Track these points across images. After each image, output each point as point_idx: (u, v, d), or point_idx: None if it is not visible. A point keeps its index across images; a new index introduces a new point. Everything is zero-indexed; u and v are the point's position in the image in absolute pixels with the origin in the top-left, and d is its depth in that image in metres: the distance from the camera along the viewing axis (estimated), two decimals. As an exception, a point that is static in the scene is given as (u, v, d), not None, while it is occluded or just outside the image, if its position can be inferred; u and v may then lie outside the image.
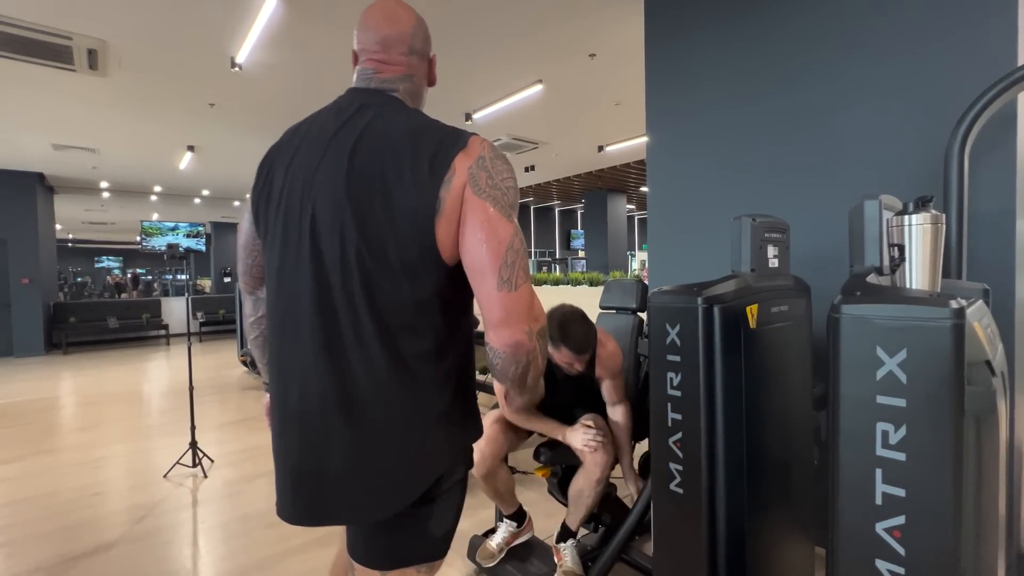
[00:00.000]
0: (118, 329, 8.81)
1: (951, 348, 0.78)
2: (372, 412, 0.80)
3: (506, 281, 0.75)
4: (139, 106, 4.94)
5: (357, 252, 0.78)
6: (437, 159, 0.77)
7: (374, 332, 0.79)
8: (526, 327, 0.76)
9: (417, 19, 0.93)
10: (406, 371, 0.80)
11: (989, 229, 1.67)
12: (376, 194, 0.78)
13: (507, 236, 0.77)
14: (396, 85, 0.90)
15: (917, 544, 0.83)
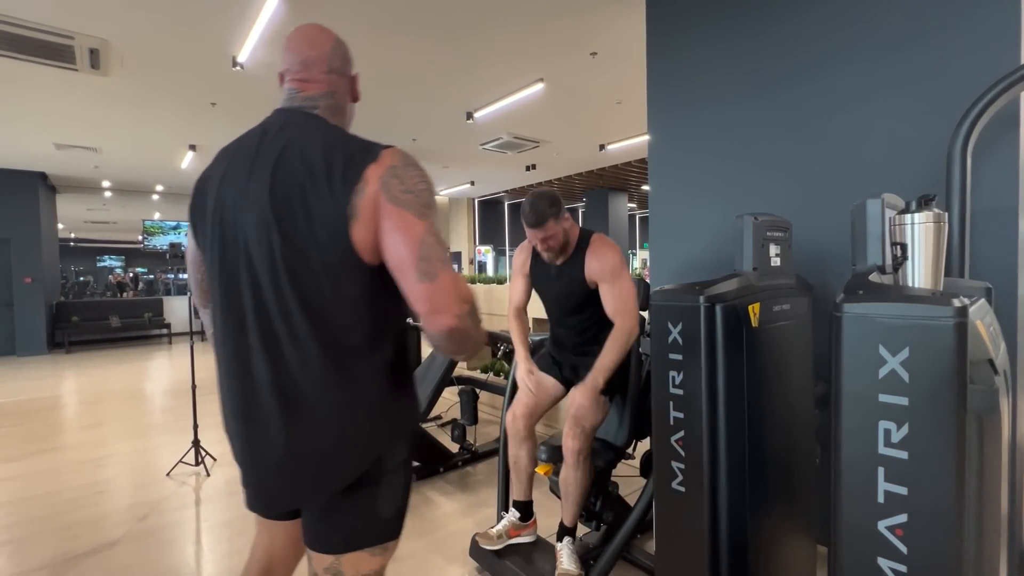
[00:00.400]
0: (120, 328, 8.83)
1: (954, 347, 0.78)
2: (307, 403, 0.87)
3: (424, 273, 0.83)
4: (141, 105, 4.95)
5: (284, 259, 0.86)
6: (350, 171, 0.85)
7: (306, 330, 0.87)
8: (455, 311, 0.84)
9: (335, 41, 1.01)
10: (337, 364, 0.88)
11: (991, 228, 1.67)
12: (297, 206, 0.86)
13: (419, 232, 0.84)
14: (317, 102, 0.97)
15: (919, 542, 0.83)
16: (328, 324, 0.87)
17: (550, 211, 1.76)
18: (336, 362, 0.87)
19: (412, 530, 2.31)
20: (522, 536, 2.01)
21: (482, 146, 6.75)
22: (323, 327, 0.87)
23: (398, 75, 4.35)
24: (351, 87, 1.03)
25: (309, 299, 0.87)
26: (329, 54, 0.99)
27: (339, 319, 0.88)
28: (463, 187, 10.14)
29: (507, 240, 13.78)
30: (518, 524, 2.00)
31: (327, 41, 0.99)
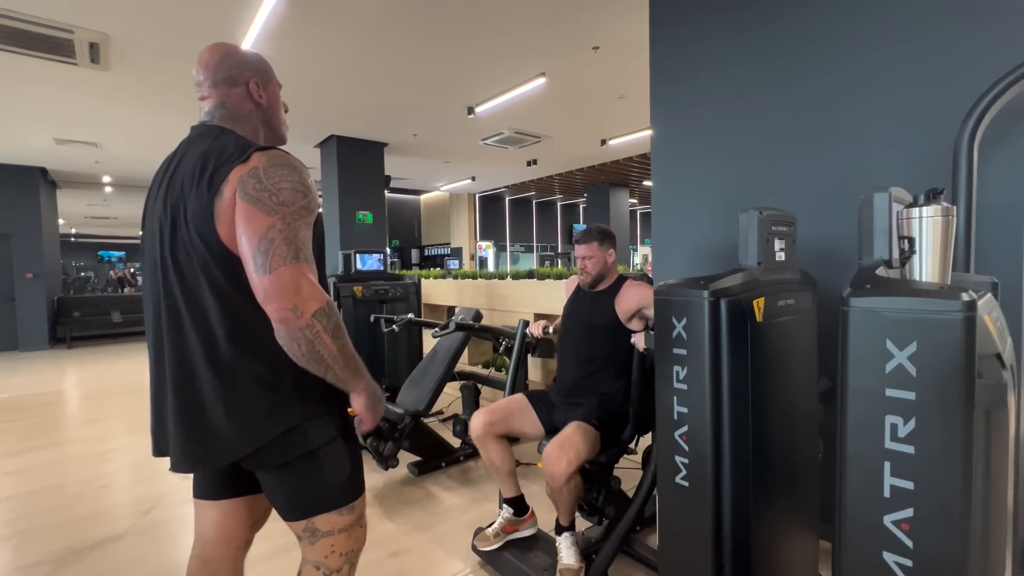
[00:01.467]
0: (122, 323, 8.85)
1: (962, 341, 0.78)
2: (200, 385, 0.97)
3: (260, 265, 0.90)
4: (141, 100, 4.94)
5: (173, 257, 0.97)
6: (217, 174, 0.93)
7: (189, 318, 0.97)
8: (289, 304, 0.89)
9: (223, 54, 1.08)
10: (216, 349, 0.96)
11: (998, 222, 1.66)
12: (179, 209, 0.96)
13: (262, 227, 0.90)
14: (213, 113, 1.07)
15: (925, 537, 0.83)
16: (207, 320, 0.96)
17: (598, 236, 2.03)
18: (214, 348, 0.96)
19: (414, 523, 2.32)
20: (521, 531, 2.02)
21: (483, 141, 6.72)
22: (204, 323, 0.96)
23: (399, 70, 4.33)
24: (247, 94, 1.09)
25: (191, 292, 0.97)
26: (213, 69, 1.06)
27: (216, 309, 0.96)
28: (464, 182, 10.12)
29: (508, 236, 13.76)
30: (513, 520, 2.01)
31: (214, 56, 1.07)
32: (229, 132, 1.04)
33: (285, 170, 0.95)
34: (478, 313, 3.10)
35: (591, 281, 2.06)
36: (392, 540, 2.18)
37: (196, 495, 1.17)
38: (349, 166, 6.43)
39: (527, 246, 14.32)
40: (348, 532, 1.08)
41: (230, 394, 0.96)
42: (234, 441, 0.97)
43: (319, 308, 0.91)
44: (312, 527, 1.04)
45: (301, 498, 1.03)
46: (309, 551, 1.07)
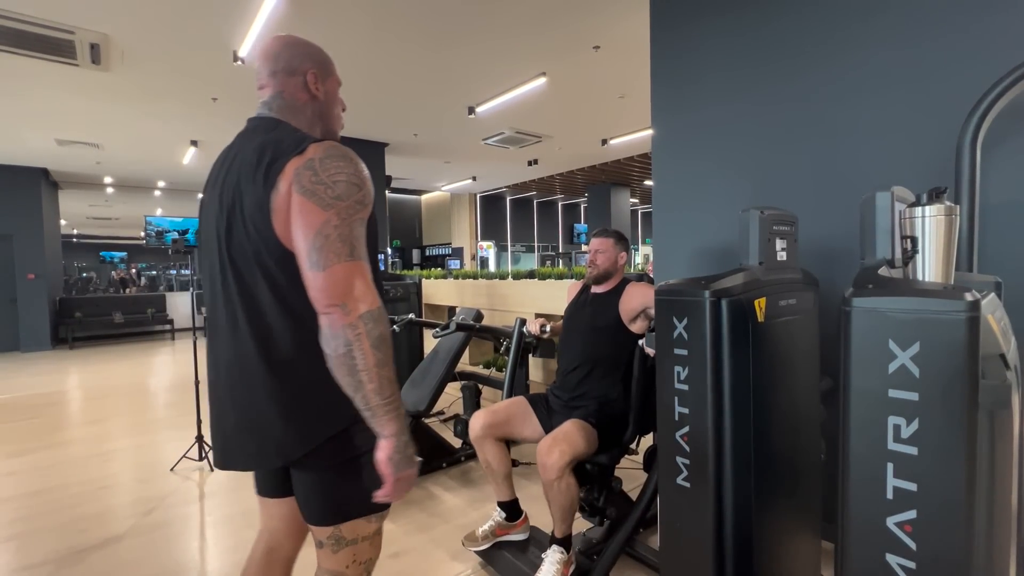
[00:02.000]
0: (123, 324, 8.87)
1: (966, 341, 0.77)
2: (255, 384, 0.95)
3: (315, 262, 0.87)
4: (142, 101, 4.94)
5: (230, 255, 0.95)
6: (273, 167, 0.90)
7: (247, 319, 0.95)
8: (339, 302, 0.86)
9: (283, 44, 1.07)
10: (271, 353, 0.94)
11: (1001, 221, 1.65)
12: (235, 206, 0.94)
13: (317, 223, 0.87)
14: (271, 103, 1.05)
15: (928, 538, 0.82)
16: (263, 315, 0.94)
17: (615, 235, 2.09)
18: (266, 348, 0.94)
19: (415, 524, 2.32)
20: (511, 535, 2.00)
21: (484, 141, 6.72)
22: (260, 318, 0.94)
23: (399, 69, 4.33)
24: (304, 85, 1.06)
25: (247, 289, 0.95)
26: (273, 57, 1.05)
27: (269, 307, 0.94)
28: (465, 182, 10.11)
29: (509, 235, 13.75)
30: (504, 524, 2.00)
31: (275, 45, 1.06)
32: (284, 124, 1.02)
33: (341, 162, 0.91)
34: (479, 313, 3.10)
35: (597, 276, 2.05)
36: (393, 541, 2.17)
37: (261, 493, 1.17)
38: (350, 166, 6.44)
39: (528, 246, 14.31)
40: (371, 541, 1.06)
41: (284, 394, 0.94)
42: (288, 443, 0.95)
43: (368, 311, 0.87)
44: (338, 534, 1.01)
45: (336, 503, 1.00)
46: (329, 560, 1.03)
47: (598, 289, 2.08)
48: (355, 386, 0.88)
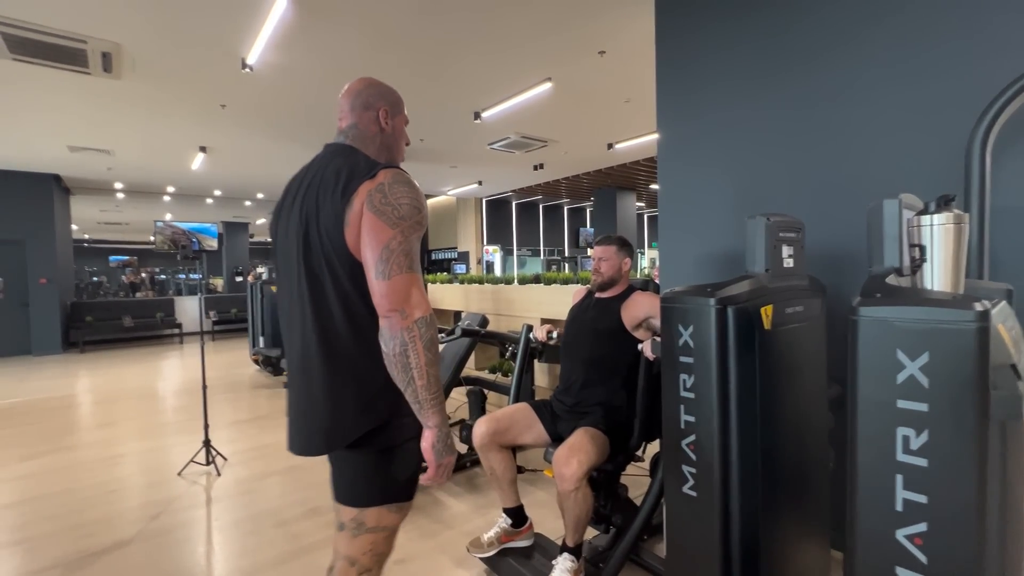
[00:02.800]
0: (133, 328, 8.95)
1: (975, 351, 0.76)
2: (313, 376, 1.09)
3: (381, 272, 1.01)
4: (152, 108, 5.00)
5: (305, 261, 1.09)
6: (348, 188, 1.05)
7: (312, 316, 1.08)
8: (399, 308, 1.01)
9: (365, 84, 1.26)
10: (330, 347, 1.07)
11: (1012, 227, 1.63)
12: (312, 218, 1.09)
13: (385, 239, 1.02)
14: (347, 132, 1.22)
15: (939, 552, 0.81)
16: (327, 314, 1.07)
17: (618, 242, 2.09)
18: (328, 346, 1.07)
19: (420, 530, 2.31)
20: (515, 542, 1.99)
21: (490, 146, 6.74)
22: (325, 317, 1.07)
23: (406, 75, 4.36)
24: (376, 119, 1.23)
25: (317, 293, 1.08)
26: (354, 95, 1.24)
27: (335, 310, 1.07)
28: (471, 187, 10.14)
29: (515, 240, 13.76)
30: (510, 531, 1.99)
31: (358, 85, 1.25)
32: (359, 152, 1.18)
33: (406, 187, 1.07)
34: (484, 319, 3.10)
35: (602, 283, 2.05)
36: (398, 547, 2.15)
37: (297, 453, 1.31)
38: (356, 171, 6.48)
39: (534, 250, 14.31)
40: (388, 534, 1.15)
41: (335, 388, 1.07)
42: (332, 433, 1.07)
43: (422, 317, 1.02)
44: (361, 519, 1.11)
45: (366, 485, 1.10)
46: (349, 545, 1.12)
47: (602, 294, 2.08)
48: (407, 381, 1.02)
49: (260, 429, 3.92)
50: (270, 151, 6.78)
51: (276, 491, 2.78)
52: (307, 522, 2.42)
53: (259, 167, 7.77)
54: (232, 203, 10.98)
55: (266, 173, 8.23)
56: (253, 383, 5.61)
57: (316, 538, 2.27)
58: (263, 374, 5.98)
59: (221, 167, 7.67)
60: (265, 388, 5.35)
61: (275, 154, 6.94)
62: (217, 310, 10.06)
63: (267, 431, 3.86)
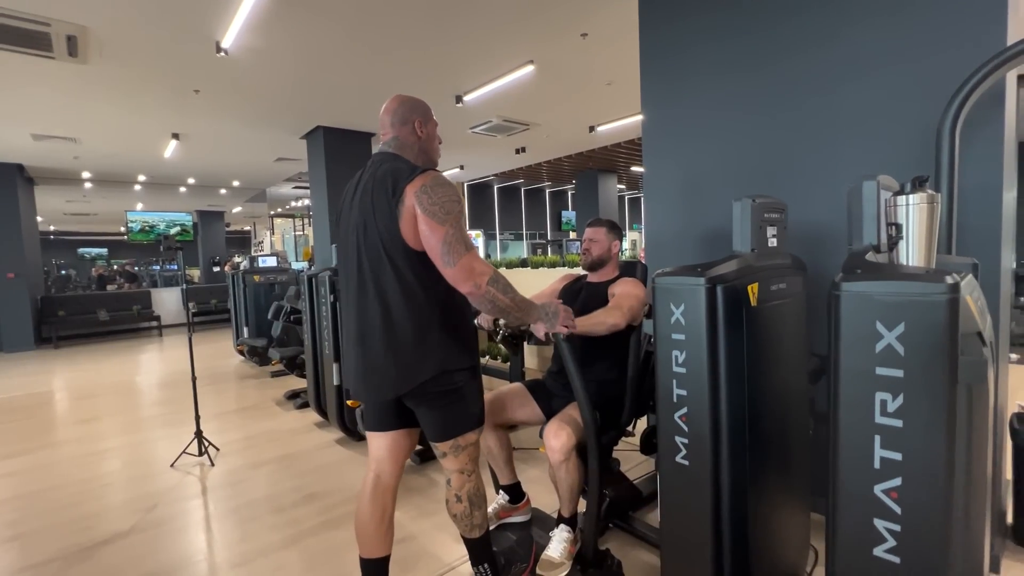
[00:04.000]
0: (109, 322, 8.72)
1: (946, 321, 0.83)
2: (375, 340, 1.40)
3: (448, 262, 1.32)
4: (121, 94, 4.83)
5: (365, 248, 1.41)
6: (397, 187, 1.35)
7: (375, 293, 1.39)
8: (471, 284, 1.33)
9: (400, 102, 1.52)
10: (389, 316, 1.38)
11: (977, 204, 1.72)
12: (370, 213, 1.39)
13: (441, 235, 1.32)
14: (391, 143, 1.51)
15: (912, 504, 0.89)
16: (387, 290, 1.38)
17: (607, 224, 2.12)
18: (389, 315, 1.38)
19: (419, 510, 2.37)
20: (513, 517, 2.06)
21: (471, 129, 6.69)
22: (385, 291, 1.38)
23: (387, 59, 4.29)
24: (413, 130, 1.51)
25: (378, 273, 1.39)
26: (392, 112, 1.50)
27: (395, 286, 1.37)
28: (453, 171, 10.06)
29: (497, 224, 13.74)
30: (507, 507, 2.06)
31: (394, 104, 1.52)
32: (401, 158, 1.46)
33: (445, 188, 1.35)
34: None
35: (590, 263, 2.09)
36: (399, 527, 2.21)
37: (368, 428, 1.56)
38: (336, 157, 6.36)
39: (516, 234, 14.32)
40: (475, 445, 1.53)
41: (396, 347, 1.38)
42: (397, 381, 1.39)
43: (489, 278, 1.34)
44: (457, 444, 1.47)
45: (452, 423, 1.46)
46: (453, 463, 1.50)
47: (593, 278, 2.13)
48: (505, 315, 1.42)
49: (250, 419, 3.91)
50: (246, 137, 6.61)
51: (271, 478, 2.80)
52: (306, 507, 2.45)
53: (235, 154, 7.57)
54: (207, 191, 10.70)
55: (242, 160, 8.03)
56: (239, 374, 5.57)
57: (316, 522, 2.31)
58: (248, 364, 5.92)
59: (195, 154, 7.45)
60: (252, 378, 5.31)
61: (251, 140, 6.77)
62: (196, 301, 9.86)
63: (257, 420, 3.86)
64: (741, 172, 2.33)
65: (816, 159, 2.09)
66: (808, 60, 2.09)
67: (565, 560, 1.73)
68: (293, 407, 4.14)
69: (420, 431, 1.57)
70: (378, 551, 1.53)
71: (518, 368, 2.91)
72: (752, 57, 2.25)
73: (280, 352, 4.31)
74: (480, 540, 1.58)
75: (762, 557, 1.41)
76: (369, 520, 1.52)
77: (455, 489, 1.53)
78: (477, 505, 1.54)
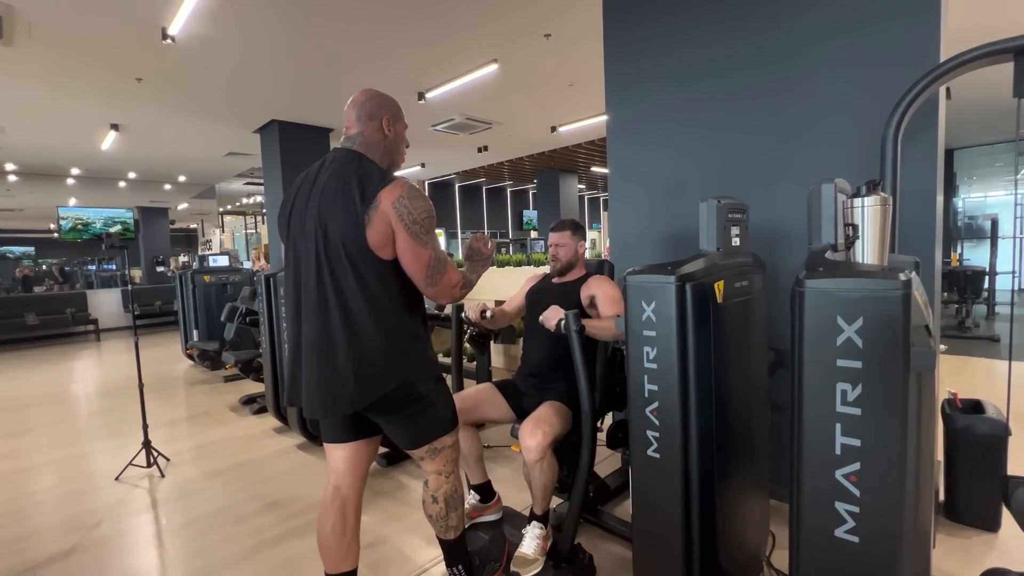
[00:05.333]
0: (38, 326, 8.07)
1: (901, 315, 0.89)
2: (336, 351, 1.31)
3: (429, 284, 1.36)
4: (53, 81, 4.47)
5: (326, 254, 1.31)
6: (366, 192, 1.28)
7: (335, 301, 1.31)
8: (448, 298, 1.41)
9: (369, 96, 1.43)
10: (353, 326, 1.30)
11: (915, 206, 1.86)
12: (331, 217, 1.30)
13: (426, 259, 1.33)
14: (354, 139, 1.41)
15: (870, 486, 0.95)
16: (349, 298, 1.30)
17: (571, 226, 2.12)
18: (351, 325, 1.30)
19: (388, 514, 2.33)
20: (484, 516, 2.07)
21: (433, 127, 6.61)
22: (346, 300, 1.30)
23: (346, 53, 4.17)
24: (380, 127, 1.42)
25: (339, 280, 1.30)
26: (359, 106, 1.42)
27: (357, 294, 1.30)
28: (414, 169, 9.92)
29: (459, 223, 13.66)
30: (478, 506, 2.06)
31: (362, 97, 1.43)
32: (368, 160, 1.38)
33: (420, 201, 1.31)
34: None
35: (561, 268, 2.11)
36: (366, 532, 2.16)
37: (327, 440, 1.49)
38: (292, 153, 6.14)
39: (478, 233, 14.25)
40: (454, 445, 1.52)
41: (360, 360, 1.30)
42: (355, 396, 1.30)
43: (463, 287, 1.42)
44: (433, 448, 1.46)
45: (424, 431, 1.44)
46: (432, 464, 1.49)
47: (560, 280, 2.15)
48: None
49: (203, 426, 3.72)
50: (194, 130, 6.27)
51: (229, 488, 2.67)
52: (266, 516, 2.36)
53: (181, 147, 7.17)
54: (149, 187, 10.08)
55: (189, 154, 7.61)
56: (189, 379, 5.28)
57: (278, 531, 2.22)
58: (199, 369, 5.63)
59: (136, 147, 7.01)
60: (203, 384, 5.05)
61: (200, 133, 6.43)
62: (139, 303, 9.28)
63: (210, 427, 3.67)
64: (701, 174, 2.42)
65: (771, 163, 2.20)
66: (766, 70, 2.18)
67: (539, 556, 1.75)
68: (249, 412, 3.96)
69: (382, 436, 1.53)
70: (343, 566, 1.47)
71: (485, 368, 2.91)
72: (713, 65, 2.34)
73: (234, 356, 4.12)
74: (455, 542, 1.57)
75: (728, 543, 1.47)
76: (330, 534, 1.46)
77: (432, 490, 1.51)
78: (454, 507, 1.53)
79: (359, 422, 1.45)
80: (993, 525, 1.98)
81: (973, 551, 1.88)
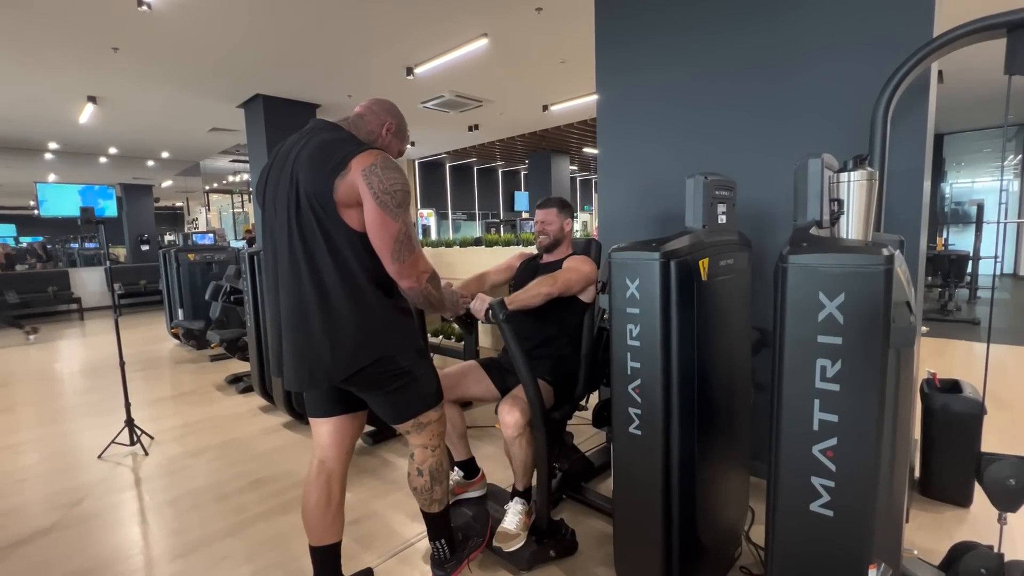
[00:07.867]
0: (19, 304, 7.92)
1: (882, 290, 0.89)
2: (311, 321, 1.30)
3: (396, 259, 1.28)
4: (23, 50, 4.30)
5: (298, 223, 1.29)
6: (337, 158, 1.25)
7: (307, 272, 1.29)
8: (414, 279, 1.32)
9: (389, 104, 1.48)
10: (326, 299, 1.29)
11: (902, 186, 1.85)
12: (305, 186, 1.27)
13: (394, 231, 1.27)
14: (350, 118, 1.41)
15: (846, 461, 0.96)
16: (320, 267, 1.28)
17: (558, 204, 2.10)
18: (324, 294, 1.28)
19: (372, 491, 2.34)
20: (469, 492, 2.08)
21: (423, 104, 6.48)
22: (318, 270, 1.28)
23: (333, 25, 4.04)
24: (381, 124, 1.44)
25: (311, 249, 1.28)
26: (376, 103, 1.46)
27: (328, 264, 1.28)
28: (403, 148, 9.76)
29: (449, 203, 13.53)
30: (463, 482, 2.07)
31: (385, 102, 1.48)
32: (344, 131, 1.36)
33: (395, 172, 1.27)
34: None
35: (547, 245, 2.09)
36: (352, 508, 2.17)
37: (311, 415, 1.49)
38: (278, 129, 5.99)
39: (469, 213, 14.17)
40: (438, 421, 1.52)
41: (332, 332, 1.28)
42: (332, 368, 1.30)
43: (428, 276, 1.35)
44: (418, 422, 1.46)
45: (407, 406, 1.43)
46: (417, 438, 1.49)
47: (548, 258, 2.13)
48: (431, 308, 1.44)
49: (188, 404, 3.69)
50: (176, 104, 6.09)
51: (213, 466, 2.66)
52: (251, 494, 2.35)
53: (162, 122, 6.98)
54: (132, 162, 9.83)
55: (172, 129, 7.42)
56: (174, 358, 5.23)
57: (263, 508, 2.22)
58: (184, 348, 5.57)
59: (116, 121, 6.80)
60: (189, 363, 5.01)
61: (182, 107, 6.25)
62: (123, 282, 9.13)
63: (196, 406, 3.65)
64: (692, 154, 2.39)
65: (761, 142, 2.17)
66: (755, 46, 2.14)
67: (521, 531, 1.76)
68: (235, 391, 3.94)
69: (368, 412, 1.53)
70: (327, 538, 1.49)
71: (472, 347, 2.90)
72: (703, 42, 2.29)
73: (220, 335, 4.07)
74: (439, 515, 1.58)
75: (707, 519, 1.48)
76: (315, 508, 1.47)
77: (417, 463, 1.52)
78: (438, 480, 1.53)
79: (344, 396, 1.44)
80: (965, 501, 2.03)
81: (945, 525, 1.93)
